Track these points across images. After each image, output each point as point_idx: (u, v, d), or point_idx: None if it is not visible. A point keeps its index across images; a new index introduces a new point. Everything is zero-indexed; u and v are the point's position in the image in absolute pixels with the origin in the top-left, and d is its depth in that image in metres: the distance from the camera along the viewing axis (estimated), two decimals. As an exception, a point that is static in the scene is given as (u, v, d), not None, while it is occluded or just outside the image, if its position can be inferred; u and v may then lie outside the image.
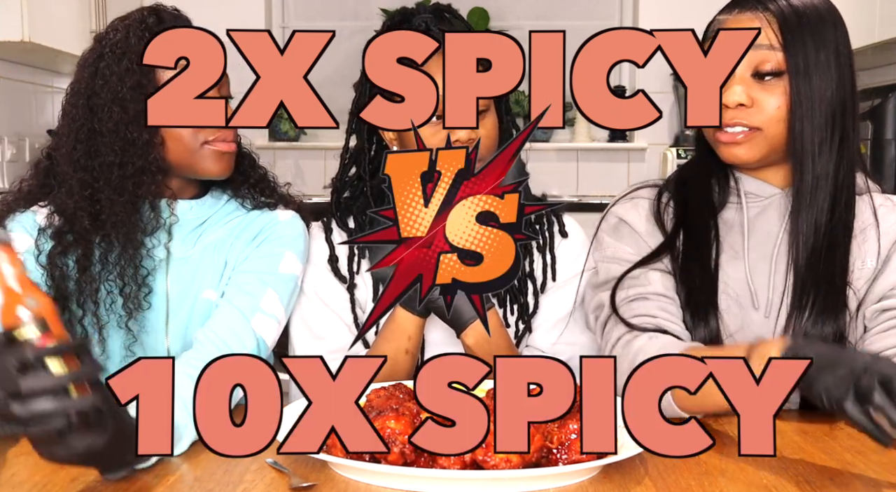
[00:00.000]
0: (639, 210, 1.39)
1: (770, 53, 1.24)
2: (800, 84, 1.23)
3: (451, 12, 1.49)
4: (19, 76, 3.11)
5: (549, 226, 1.54)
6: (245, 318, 1.34)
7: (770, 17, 1.24)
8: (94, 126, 1.34)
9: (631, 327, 1.28)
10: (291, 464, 1.07)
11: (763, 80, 1.25)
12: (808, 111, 1.23)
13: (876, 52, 3.04)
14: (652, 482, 1.03)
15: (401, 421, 1.01)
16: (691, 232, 1.34)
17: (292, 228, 1.46)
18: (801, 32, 1.23)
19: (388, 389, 1.17)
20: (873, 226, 1.31)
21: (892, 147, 3.13)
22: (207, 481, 1.03)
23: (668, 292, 1.32)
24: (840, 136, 1.25)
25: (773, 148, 1.28)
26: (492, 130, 1.43)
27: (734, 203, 1.36)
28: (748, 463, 1.08)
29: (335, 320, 1.48)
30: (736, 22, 1.27)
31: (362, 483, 1.02)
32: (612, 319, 1.32)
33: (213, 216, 1.46)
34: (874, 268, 1.30)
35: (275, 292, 1.39)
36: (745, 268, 1.32)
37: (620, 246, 1.37)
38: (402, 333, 1.40)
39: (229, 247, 1.44)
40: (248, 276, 1.40)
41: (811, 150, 1.25)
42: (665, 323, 1.28)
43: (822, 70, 1.23)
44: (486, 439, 0.98)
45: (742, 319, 1.32)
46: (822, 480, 1.03)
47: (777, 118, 1.25)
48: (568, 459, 1.01)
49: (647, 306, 1.29)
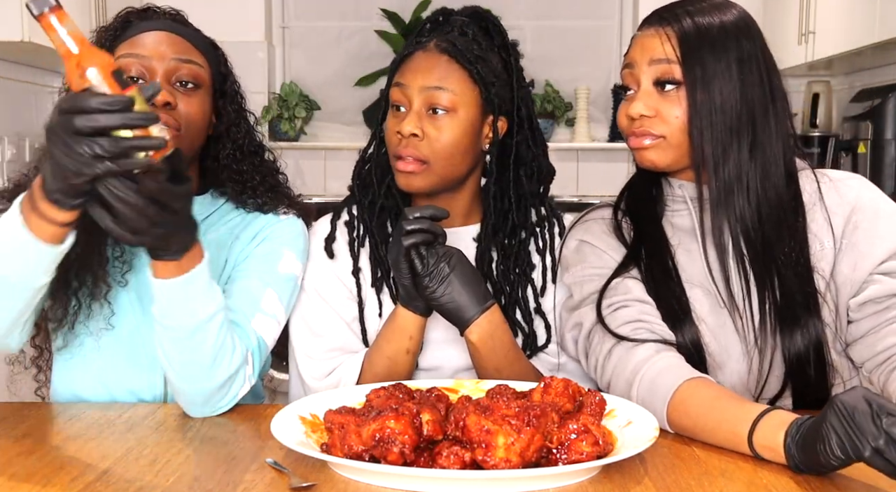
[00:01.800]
0: (594, 229, 1.43)
1: (668, 66, 1.30)
2: (697, 94, 1.28)
3: (488, 18, 1.50)
4: (19, 76, 3.11)
5: (549, 228, 1.54)
6: (246, 317, 1.35)
7: (671, 32, 1.30)
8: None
9: (621, 338, 1.28)
10: (291, 464, 1.07)
11: (664, 91, 1.30)
12: (708, 120, 1.28)
13: (876, 52, 3.04)
14: (652, 482, 1.03)
15: (401, 421, 1.01)
16: (647, 241, 1.38)
17: (291, 227, 1.47)
18: (699, 45, 1.29)
19: (388, 389, 1.18)
20: (819, 202, 1.34)
21: (892, 147, 3.13)
22: (207, 481, 1.03)
23: (646, 297, 1.34)
24: (751, 140, 1.30)
25: (682, 154, 1.32)
26: (448, 134, 1.42)
27: (683, 209, 1.38)
28: (748, 463, 1.08)
29: (334, 318, 1.48)
30: (642, 37, 1.34)
31: (362, 483, 1.02)
32: (599, 331, 1.32)
33: (214, 215, 1.47)
34: (833, 247, 1.32)
35: (274, 292, 1.40)
36: (705, 269, 1.34)
37: (587, 264, 1.40)
38: (404, 332, 1.39)
39: (230, 246, 1.45)
40: (248, 275, 1.41)
41: (713, 157, 1.29)
42: (653, 326, 1.30)
43: (722, 79, 1.28)
44: (487, 439, 0.98)
45: (714, 312, 1.34)
46: (821, 480, 1.03)
47: (678, 127, 1.30)
48: (568, 459, 1.02)
49: (630, 313, 1.31)
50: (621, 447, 1.06)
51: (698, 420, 1.15)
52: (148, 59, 1.35)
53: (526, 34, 4.04)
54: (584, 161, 4.02)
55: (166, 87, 1.35)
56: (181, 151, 1.12)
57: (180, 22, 1.43)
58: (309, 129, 4.05)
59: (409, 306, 1.38)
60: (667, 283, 1.34)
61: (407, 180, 1.43)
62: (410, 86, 1.42)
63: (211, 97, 1.42)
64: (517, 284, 1.50)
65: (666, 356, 1.24)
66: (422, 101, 1.41)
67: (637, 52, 1.33)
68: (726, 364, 1.33)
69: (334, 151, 3.97)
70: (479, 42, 1.46)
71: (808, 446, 1.00)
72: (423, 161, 1.41)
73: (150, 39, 1.37)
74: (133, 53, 1.36)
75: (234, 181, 1.46)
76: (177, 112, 1.35)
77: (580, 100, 3.92)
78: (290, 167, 4.49)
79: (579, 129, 3.94)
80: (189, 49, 1.39)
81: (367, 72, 3.91)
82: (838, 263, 1.31)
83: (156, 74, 1.35)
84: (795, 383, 1.31)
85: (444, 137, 1.41)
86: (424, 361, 1.48)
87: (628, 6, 4.03)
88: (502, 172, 1.49)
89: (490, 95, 1.44)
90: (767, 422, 1.07)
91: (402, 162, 1.42)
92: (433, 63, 1.43)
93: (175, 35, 1.39)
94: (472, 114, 1.43)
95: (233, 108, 1.46)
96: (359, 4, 4.04)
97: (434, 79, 1.41)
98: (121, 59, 1.36)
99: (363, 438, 1.02)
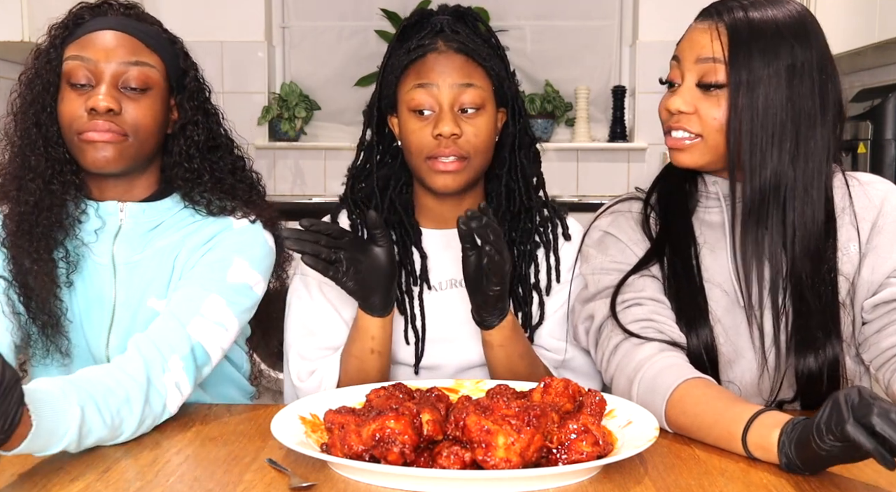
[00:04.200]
0: (621, 221, 1.42)
1: (715, 66, 1.26)
2: (739, 99, 1.24)
3: (472, 14, 1.50)
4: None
5: (552, 228, 1.55)
6: (180, 323, 1.29)
7: (723, 28, 1.26)
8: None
9: (630, 334, 1.28)
10: (291, 464, 1.07)
11: (708, 91, 1.27)
12: (747, 125, 1.24)
13: (876, 52, 3.04)
14: (652, 482, 1.03)
15: (401, 421, 1.01)
16: (673, 238, 1.37)
17: (245, 235, 1.41)
18: (750, 48, 1.24)
19: (388, 389, 1.18)
20: (848, 207, 1.32)
21: (892, 147, 3.12)
22: (207, 480, 1.03)
23: (660, 297, 1.34)
24: (793, 150, 1.25)
25: (718, 156, 1.29)
26: (483, 130, 1.44)
27: (715, 206, 1.37)
28: (748, 463, 1.08)
29: (333, 317, 1.48)
30: (693, 30, 1.30)
31: (362, 483, 1.02)
32: (609, 325, 1.32)
33: (168, 221, 1.42)
34: (858, 252, 1.31)
35: (220, 298, 1.34)
36: (728, 266, 1.33)
37: (607, 257, 1.39)
38: (366, 333, 1.40)
39: (178, 253, 1.40)
40: (190, 282, 1.35)
41: (749, 163, 1.26)
42: (662, 326, 1.29)
43: (768, 85, 1.24)
44: (487, 438, 0.98)
45: (732, 313, 1.33)
46: (821, 480, 1.03)
47: (716, 128, 1.27)
48: (568, 459, 1.02)
49: (643, 311, 1.31)
50: (621, 447, 1.06)
51: (695, 419, 1.15)
52: (94, 62, 1.33)
53: (526, 34, 4.04)
54: (584, 161, 4.02)
55: (112, 92, 1.32)
56: None
57: (134, 17, 1.38)
58: (309, 129, 4.04)
59: (365, 310, 1.39)
60: (687, 282, 1.33)
61: (446, 180, 1.44)
62: (440, 86, 1.42)
63: (164, 96, 1.38)
64: (521, 262, 1.51)
65: (669, 355, 1.24)
66: (452, 100, 1.42)
67: (686, 46, 1.30)
68: (738, 364, 1.33)
69: (334, 151, 3.97)
70: (478, 39, 1.47)
71: (802, 441, 1.00)
72: (464, 158, 1.43)
73: (100, 40, 1.34)
74: (80, 56, 1.33)
75: (185, 180, 1.41)
76: (121, 118, 1.32)
77: (580, 100, 3.92)
78: (290, 167, 4.47)
79: (579, 129, 3.94)
80: (139, 49, 1.35)
81: (367, 72, 3.90)
82: (862, 266, 1.30)
83: (102, 78, 1.32)
84: (807, 391, 1.31)
85: (481, 133, 1.44)
86: (424, 360, 1.49)
87: (628, 6, 4.02)
88: (513, 157, 1.52)
89: (503, 90, 1.48)
90: (762, 422, 1.07)
91: (440, 163, 1.42)
92: (454, 62, 1.43)
93: (125, 35, 1.35)
94: (492, 109, 1.47)
95: (190, 105, 1.41)
96: (359, 4, 4.03)
97: (462, 77, 1.43)
98: (68, 62, 1.34)
99: (363, 438, 1.02)
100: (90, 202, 1.40)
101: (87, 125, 1.32)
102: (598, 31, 4.05)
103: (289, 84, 3.98)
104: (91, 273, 1.39)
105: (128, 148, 1.34)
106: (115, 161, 1.34)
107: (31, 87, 1.37)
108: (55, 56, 1.36)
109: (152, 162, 1.42)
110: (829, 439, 0.96)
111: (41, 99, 1.35)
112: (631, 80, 4.00)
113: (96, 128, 1.31)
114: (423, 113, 1.43)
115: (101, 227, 1.39)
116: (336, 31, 4.09)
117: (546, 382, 1.15)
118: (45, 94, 1.35)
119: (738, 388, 1.34)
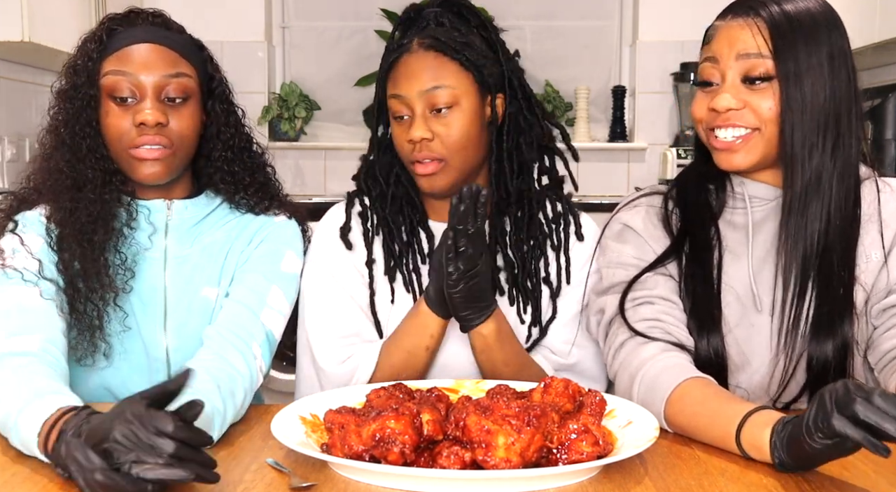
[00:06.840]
0: (643, 216, 1.40)
1: (760, 61, 1.25)
2: (790, 90, 1.23)
3: (465, 5, 1.50)
4: (19, 76, 3.10)
5: (565, 226, 1.54)
6: (254, 313, 1.37)
7: (761, 23, 1.25)
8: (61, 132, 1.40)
9: (636, 333, 1.28)
10: (291, 464, 1.07)
11: (754, 85, 1.26)
12: (799, 116, 1.24)
13: (876, 52, 3.04)
14: (652, 482, 1.03)
15: (401, 421, 1.01)
16: (694, 239, 1.35)
17: (288, 228, 1.51)
18: (794, 38, 1.23)
19: (388, 389, 1.18)
20: (876, 214, 1.31)
21: (893, 147, 3.12)
22: (207, 481, 1.03)
23: (672, 297, 1.33)
24: (834, 140, 1.25)
25: (770, 150, 1.28)
26: (457, 128, 1.42)
27: (740, 207, 1.36)
28: (748, 463, 1.08)
29: (351, 305, 1.48)
30: (728, 28, 1.28)
31: (362, 483, 1.02)
32: (617, 322, 1.32)
33: (210, 217, 1.48)
34: (880, 260, 1.30)
35: (279, 289, 1.43)
36: (748, 270, 1.32)
37: (625, 251, 1.38)
38: (425, 330, 1.41)
39: (228, 249, 1.47)
40: (252, 274, 1.43)
41: (800, 154, 1.25)
42: (670, 327, 1.29)
43: (814, 75, 1.23)
44: (487, 438, 0.98)
45: (745, 320, 1.33)
46: (821, 480, 1.03)
47: (771, 119, 1.26)
48: (568, 459, 1.02)
49: (652, 310, 1.30)
50: (621, 447, 1.06)
51: (692, 419, 1.15)
52: (136, 76, 1.36)
53: (526, 34, 4.03)
54: (584, 161, 3.98)
55: (158, 106, 1.36)
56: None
57: (163, 26, 1.42)
58: (309, 129, 4.04)
59: (433, 309, 1.39)
60: (704, 284, 1.32)
61: (429, 182, 1.45)
62: (407, 94, 1.43)
63: (200, 102, 1.43)
64: (530, 256, 1.50)
65: (671, 356, 1.24)
66: (423, 105, 1.42)
67: (723, 44, 1.27)
68: (746, 370, 1.33)
69: (334, 151, 3.96)
70: (457, 28, 1.47)
71: (792, 441, 1.00)
72: (439, 159, 1.43)
73: (137, 54, 1.37)
74: (121, 70, 1.36)
75: (227, 183, 1.48)
76: (169, 129, 1.37)
77: (580, 100, 3.92)
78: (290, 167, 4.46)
79: (579, 129, 3.94)
80: (177, 61, 1.39)
81: (367, 72, 3.90)
82: (881, 274, 1.30)
83: (146, 91, 1.36)
84: (814, 389, 1.30)
85: (454, 133, 1.43)
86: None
87: (628, 6, 4.02)
88: (501, 143, 1.50)
89: (484, 77, 1.45)
90: (753, 421, 1.07)
91: (420, 165, 1.44)
92: (422, 64, 1.43)
93: (163, 47, 1.38)
94: (472, 101, 1.44)
95: (221, 108, 1.47)
96: (359, 4, 4.03)
97: (428, 80, 1.42)
98: (108, 77, 1.37)
99: (363, 438, 1.02)
100: (140, 203, 1.44)
101: (137, 140, 1.37)
102: (597, 31, 4.05)
103: (289, 84, 3.98)
104: (143, 270, 1.43)
105: (174, 160, 1.40)
106: (164, 174, 1.40)
107: (72, 101, 1.39)
108: (93, 70, 1.38)
109: (187, 168, 1.47)
110: (818, 437, 0.96)
111: (84, 113, 1.38)
112: (631, 80, 4.00)
113: (147, 142, 1.36)
114: (402, 118, 1.45)
115: (152, 224, 1.44)
116: (336, 31, 4.09)
117: (546, 382, 1.15)
118: (87, 108, 1.38)
119: (745, 392, 1.34)
